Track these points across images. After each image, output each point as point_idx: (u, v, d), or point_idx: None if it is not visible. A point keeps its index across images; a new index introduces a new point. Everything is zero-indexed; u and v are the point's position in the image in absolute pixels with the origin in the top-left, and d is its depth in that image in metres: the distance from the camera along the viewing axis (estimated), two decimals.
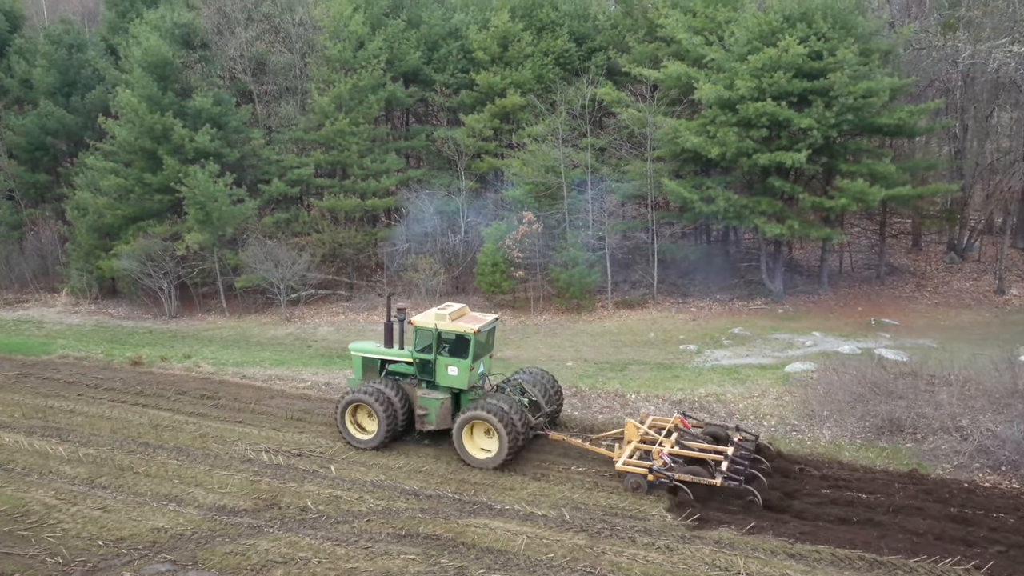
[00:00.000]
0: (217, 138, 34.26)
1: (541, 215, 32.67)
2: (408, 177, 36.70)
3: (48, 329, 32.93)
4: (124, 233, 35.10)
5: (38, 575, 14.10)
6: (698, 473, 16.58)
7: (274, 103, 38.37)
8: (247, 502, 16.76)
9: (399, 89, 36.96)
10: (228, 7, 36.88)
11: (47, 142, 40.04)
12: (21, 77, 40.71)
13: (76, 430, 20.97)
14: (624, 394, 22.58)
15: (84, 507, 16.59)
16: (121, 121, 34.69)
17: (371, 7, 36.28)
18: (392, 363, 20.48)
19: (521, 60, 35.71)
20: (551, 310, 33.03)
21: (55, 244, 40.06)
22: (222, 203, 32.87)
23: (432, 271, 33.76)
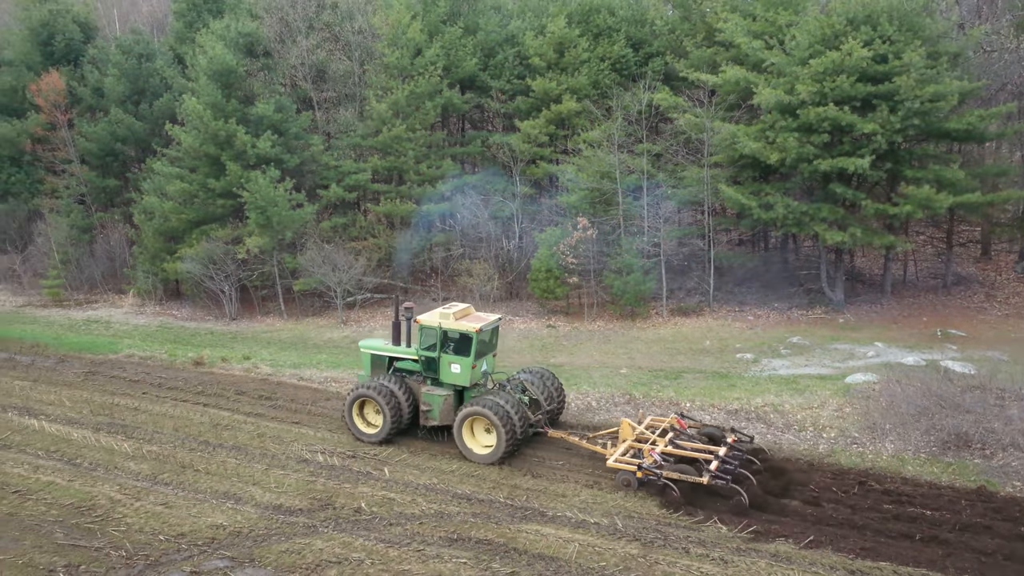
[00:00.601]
0: (278, 144, 35.00)
1: (596, 221, 32.53)
2: (463, 183, 36.92)
3: (115, 329, 34.00)
4: (188, 237, 36.10)
5: (103, 567, 14.52)
6: (686, 471, 16.79)
7: (333, 110, 39.04)
8: (303, 502, 17.02)
9: (455, 95, 37.25)
10: (290, 16, 37.67)
11: (117, 148, 41.43)
12: (94, 86, 42.22)
13: (140, 427, 21.59)
14: (679, 402, 22.27)
15: (147, 502, 17.05)
16: (187, 128, 35.71)
17: (429, 15, 36.67)
18: (399, 360, 21.10)
19: (577, 66, 35.65)
20: (605, 317, 32.83)
21: (123, 247, 41.36)
22: (282, 208, 33.55)
23: (486, 276, 33.88)
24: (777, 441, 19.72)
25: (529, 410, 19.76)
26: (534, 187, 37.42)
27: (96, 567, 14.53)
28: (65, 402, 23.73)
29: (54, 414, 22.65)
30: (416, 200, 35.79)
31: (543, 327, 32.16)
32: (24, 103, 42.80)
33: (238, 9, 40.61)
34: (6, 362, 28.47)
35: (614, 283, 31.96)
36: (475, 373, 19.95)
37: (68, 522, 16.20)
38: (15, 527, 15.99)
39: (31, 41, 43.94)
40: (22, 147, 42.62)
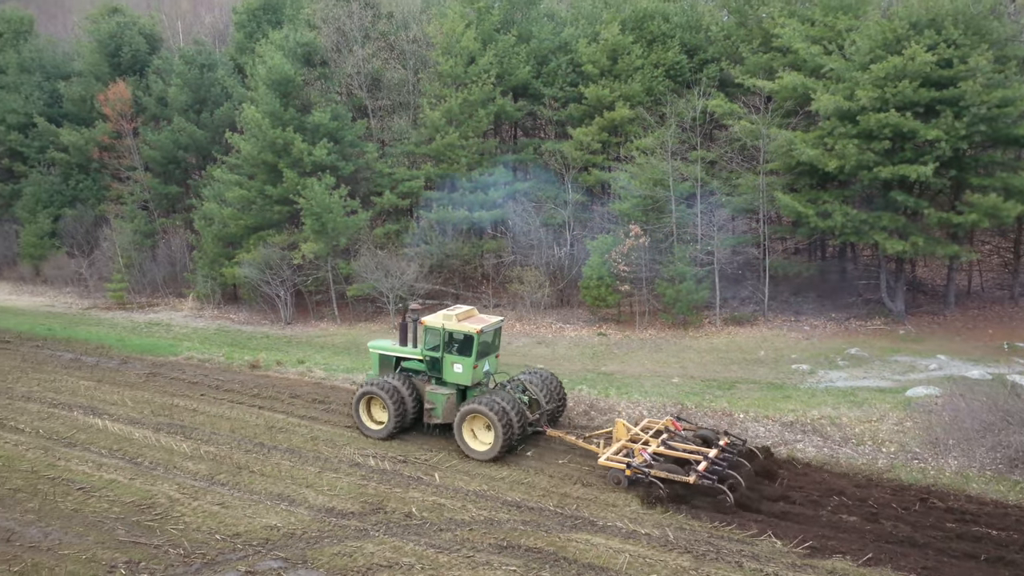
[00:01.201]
0: (333, 152, 35.57)
1: (648, 229, 32.28)
2: (515, 190, 37.01)
3: (176, 332, 34.89)
4: (246, 242, 36.90)
5: (162, 565, 14.87)
6: (674, 471, 17.19)
7: (387, 118, 39.52)
8: (354, 505, 17.20)
9: (508, 103, 37.39)
10: (347, 26, 38.29)
11: (179, 156, 42.59)
12: (158, 95, 43.51)
13: (198, 428, 22.08)
14: (732, 413, 21.93)
15: (204, 502, 17.42)
16: (246, 136, 36.54)
17: (483, 23, 36.90)
18: (405, 360, 21.87)
19: (631, 73, 35.47)
20: (657, 325, 32.52)
21: (183, 252, 42.45)
22: (337, 214, 34.07)
23: (537, 283, 33.87)
24: (834, 455, 19.26)
25: (529, 409, 20.41)
26: (586, 194, 37.30)
27: (155, 564, 14.88)
28: (127, 402, 24.42)
29: (117, 414, 23.32)
30: (468, 207, 35.99)
31: (594, 335, 31.99)
32: (92, 112, 44.32)
33: (296, 20, 41.45)
34: (72, 362, 29.44)
35: (666, 291, 31.65)
36: (477, 373, 20.58)
37: (129, 519, 16.63)
38: (79, 523, 16.49)
39: (100, 53, 45.50)
40: (90, 155, 44.11)
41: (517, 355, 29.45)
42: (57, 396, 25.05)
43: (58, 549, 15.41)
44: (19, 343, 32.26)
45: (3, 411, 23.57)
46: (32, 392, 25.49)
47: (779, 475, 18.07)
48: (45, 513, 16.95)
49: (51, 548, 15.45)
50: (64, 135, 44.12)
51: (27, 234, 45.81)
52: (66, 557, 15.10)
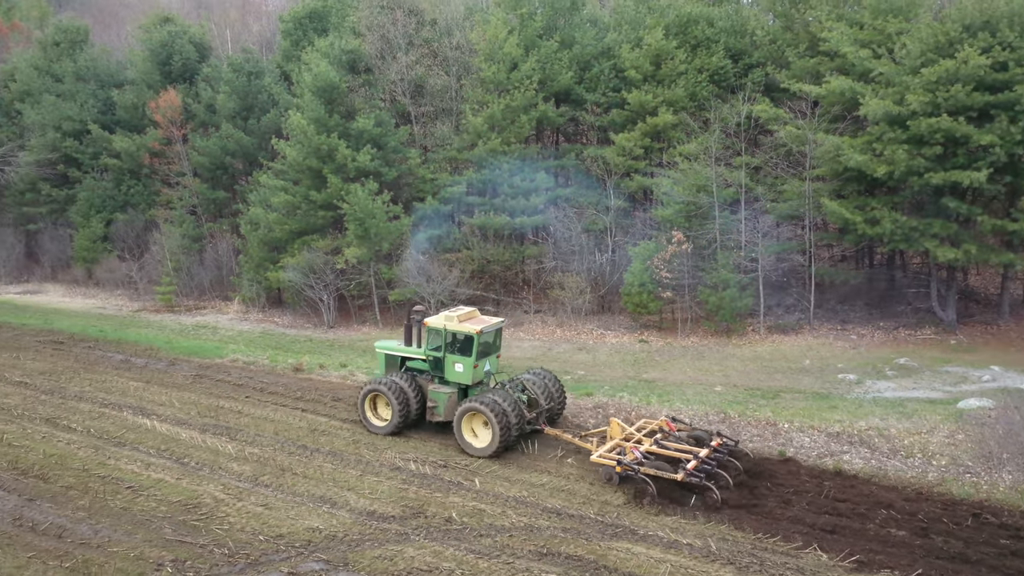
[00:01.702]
0: (377, 158, 35.92)
1: (691, 235, 31.98)
2: (557, 196, 36.97)
3: (222, 334, 35.50)
4: (290, 247, 37.42)
5: (207, 564, 15.11)
6: (663, 469, 17.65)
7: (430, 124, 39.79)
8: (395, 509, 17.29)
9: (550, 109, 37.38)
10: (391, 34, 38.68)
11: (226, 162, 43.38)
12: (207, 102, 44.39)
13: (243, 430, 22.42)
14: (776, 423, 21.59)
15: (248, 503, 17.67)
16: (291, 142, 37.09)
17: (525, 29, 36.97)
18: (410, 360, 22.70)
19: (674, 78, 35.21)
20: (699, 333, 32.16)
21: (230, 256, 43.19)
22: (379, 219, 34.38)
23: (578, 290, 33.77)
24: (882, 467, 18.84)
25: (528, 408, 20.94)
26: (628, 200, 37.11)
27: (200, 563, 15.12)
28: (175, 403, 24.90)
29: (165, 414, 23.79)
30: (510, 212, 36.05)
31: (635, 342, 31.77)
32: (144, 119, 45.39)
33: (342, 27, 41.99)
34: (123, 363, 30.13)
35: (709, 298, 31.31)
36: (477, 372, 21.28)
37: (176, 518, 16.94)
38: (128, 521, 16.85)
39: (151, 61, 46.58)
40: (141, 161, 45.16)
41: (557, 361, 29.39)
42: (108, 396, 25.66)
43: (108, 546, 15.75)
44: (72, 344, 33.12)
45: (57, 410, 24.22)
46: (84, 392, 26.14)
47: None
48: (95, 511, 17.35)
49: (101, 545, 15.80)
50: (117, 142, 45.24)
51: (80, 238, 47.04)
52: (115, 554, 15.43)
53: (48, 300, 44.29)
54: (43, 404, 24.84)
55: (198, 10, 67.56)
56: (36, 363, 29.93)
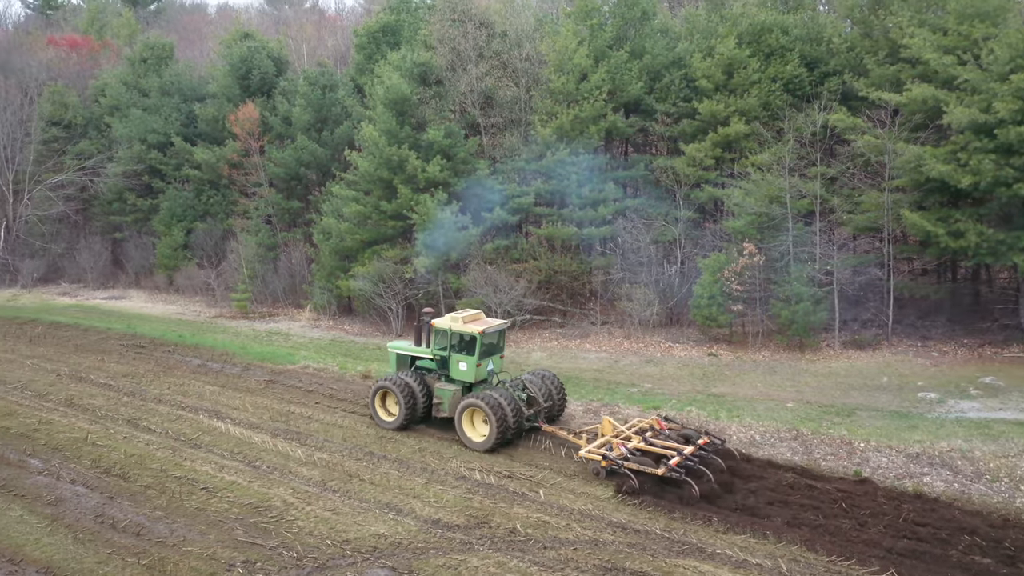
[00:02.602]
0: (446, 168, 36.29)
1: (763, 247, 31.27)
2: (625, 206, 36.68)
3: (294, 341, 36.32)
4: (361, 256, 38.07)
5: (276, 566, 15.42)
6: (646, 464, 18.55)
7: (499, 135, 39.98)
8: (460, 518, 17.33)
9: (619, 119, 37.15)
10: (461, 46, 39.08)
11: (301, 173, 44.46)
12: (283, 115, 45.64)
13: (313, 435, 22.86)
14: (851, 442, 20.89)
15: (316, 507, 17.98)
16: (363, 153, 37.79)
17: (595, 40, 36.87)
18: (420, 359, 23.89)
19: (747, 87, 34.58)
20: (770, 347, 31.39)
21: (303, 264, 44.19)
22: (448, 230, 34.69)
23: (646, 302, 33.38)
24: (966, 491, 18.02)
25: (527, 406, 22.07)
26: (698, 211, 36.54)
27: (270, 565, 15.44)
28: (248, 407, 25.55)
29: (238, 418, 24.44)
30: (577, 223, 35.93)
31: (704, 355, 31.21)
32: (223, 132, 46.91)
33: (414, 41, 42.64)
34: (199, 368, 31.10)
35: (781, 312, 30.53)
36: (480, 371, 22.51)
37: (247, 520, 17.35)
38: (202, 521, 17.33)
39: (232, 76, 48.15)
40: (220, 172, 46.67)
41: (624, 374, 29.10)
42: (185, 399, 26.51)
43: (182, 545, 16.23)
44: (153, 348, 34.37)
45: (137, 412, 25.14)
46: (163, 394, 27.07)
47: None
48: (172, 510, 17.91)
49: (176, 544, 16.29)
50: (198, 153, 46.88)
51: (162, 246, 48.84)
52: (189, 553, 15.89)
53: (131, 305, 46.09)
54: (125, 405, 25.83)
55: (276, 26, 69.70)
56: (119, 366, 31.15)
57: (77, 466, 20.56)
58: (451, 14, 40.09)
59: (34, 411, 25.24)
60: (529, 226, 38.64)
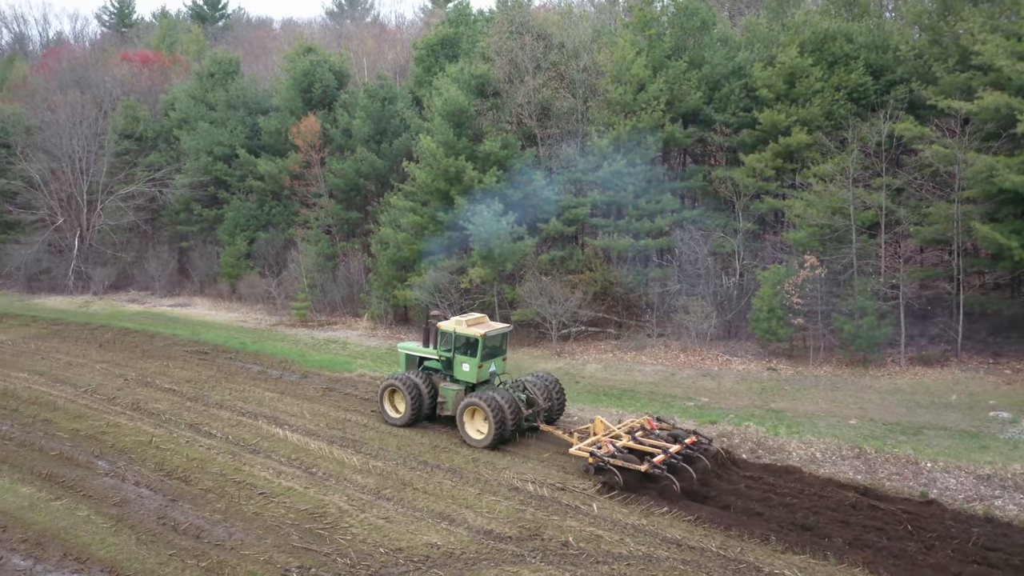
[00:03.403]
0: (503, 179, 36.43)
1: (825, 260, 30.53)
2: (683, 218, 36.26)
3: (351, 350, 36.80)
4: (417, 266, 38.45)
5: (330, 573, 15.57)
6: (631, 460, 19.48)
7: (555, 145, 39.99)
8: (512, 529, 17.26)
9: (677, 130, 36.78)
10: (519, 58, 39.26)
11: (360, 184, 45.16)
12: (343, 127, 46.47)
13: (368, 443, 23.09)
14: (918, 461, 20.19)
15: (370, 515, 18.12)
16: (421, 164, 38.20)
17: (653, 50, 36.63)
18: (427, 360, 25.03)
19: (809, 96, 33.88)
20: (832, 362, 30.59)
21: (361, 274, 44.78)
22: (504, 240, 34.79)
23: (703, 314, 32.90)
24: None
25: (527, 407, 23.12)
26: (757, 223, 35.90)
27: (324, 571, 15.60)
28: (305, 414, 25.96)
29: (296, 425, 24.85)
30: (634, 234, 35.65)
31: (763, 369, 30.58)
32: (286, 144, 47.99)
33: (472, 53, 43.01)
34: (260, 375, 31.74)
35: (844, 326, 29.74)
36: (482, 372, 23.61)
37: (303, 526, 17.59)
38: (259, 526, 17.63)
39: (294, 89, 49.26)
40: (283, 183, 47.73)
41: (680, 387, 28.70)
42: (245, 405, 27.07)
43: (240, 549, 16.52)
44: (215, 354, 35.23)
45: (199, 417, 25.76)
46: (224, 400, 27.70)
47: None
48: (230, 514, 18.26)
49: (234, 548, 16.59)
50: (261, 165, 48.03)
51: (226, 255, 50.09)
52: (246, 557, 16.16)
53: (196, 313, 47.36)
54: (188, 410, 26.50)
55: (338, 40, 71.07)
56: (183, 371, 32.00)
57: (142, 468, 21.15)
58: (509, 26, 40.33)
59: (103, 414, 26.08)
60: (585, 237, 38.47)
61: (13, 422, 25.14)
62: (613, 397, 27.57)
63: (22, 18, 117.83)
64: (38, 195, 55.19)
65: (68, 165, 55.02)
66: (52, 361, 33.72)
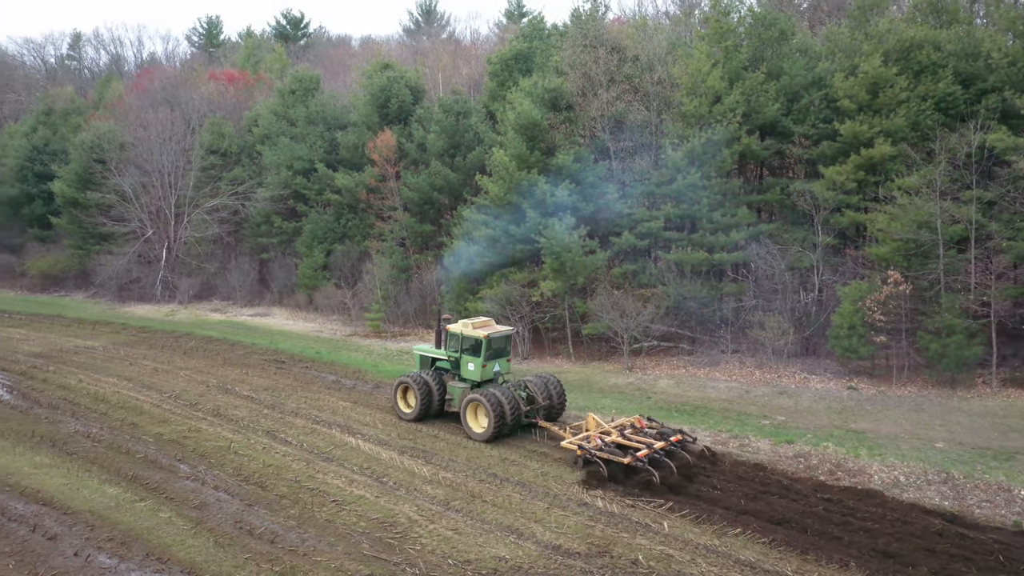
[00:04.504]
0: (574, 193, 36.36)
1: (910, 275, 29.39)
2: (759, 232, 35.49)
3: None
4: (489, 279, 38.66)
5: None
6: (616, 453, 20.93)
7: (628, 159, 39.72)
8: (581, 545, 17.08)
9: (754, 142, 36.07)
10: (593, 71, 39.21)
11: (434, 197, 45.79)
12: (418, 142, 47.25)
13: (438, 454, 23.23)
14: (1011, 488, 19.17)
15: (440, 526, 18.20)
16: (494, 178, 38.47)
17: (730, 62, 36.07)
18: (439, 360, 26.90)
19: (894, 106, 32.78)
20: (917, 382, 29.37)
21: (433, 286, 45.27)
22: (576, 254, 34.68)
23: (780, 330, 32.06)
24: None
25: (527, 404, 24.65)
26: (837, 237, 34.83)
27: None
28: (378, 424, 26.33)
29: (368, 434, 25.21)
30: (708, 248, 35.06)
31: (843, 388, 29.58)
32: (363, 158, 49.05)
33: (545, 67, 43.17)
34: (333, 384, 32.36)
35: (930, 345, 28.52)
36: (486, 371, 25.33)
37: (373, 535, 17.78)
38: (331, 533, 17.91)
39: (372, 105, 50.38)
40: (359, 196, 48.77)
41: (755, 405, 28.00)
42: (320, 413, 27.62)
43: (312, 555, 16.81)
44: (292, 364, 36.11)
45: (276, 424, 26.41)
46: (299, 408, 28.33)
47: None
48: (304, 520, 18.61)
49: (307, 553, 16.89)
50: (339, 179, 49.19)
51: (304, 267, 51.39)
52: (319, 564, 16.42)
53: (274, 322, 48.69)
54: (265, 417, 27.20)
55: (415, 56, 72.33)
56: (261, 379, 32.89)
57: (220, 473, 21.77)
58: (583, 40, 40.34)
59: (185, 419, 27.00)
60: (658, 251, 38.03)
61: (103, 425, 26.26)
62: (686, 414, 27.09)
63: (119, 40, 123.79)
64: (130, 208, 57.85)
65: (158, 179, 57.57)
66: (139, 367, 35.12)
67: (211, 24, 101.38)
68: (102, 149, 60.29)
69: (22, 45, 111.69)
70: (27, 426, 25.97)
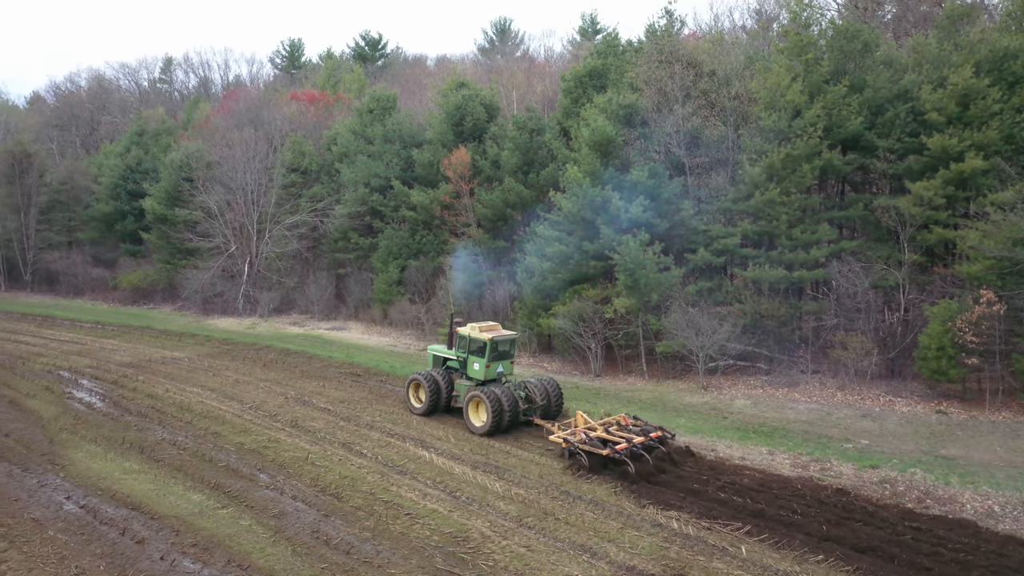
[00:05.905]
0: (649, 209, 36.04)
1: (1004, 295, 28.05)
2: (840, 249, 34.46)
3: None
4: (562, 295, 38.59)
5: None
6: (596, 446, 22.75)
7: (705, 175, 39.21)
8: (655, 567, 16.76)
9: (836, 157, 35.11)
10: (668, 87, 38.93)
11: (507, 213, 46.07)
12: (492, 159, 47.68)
13: (511, 470, 23.19)
14: None
15: (512, 542, 18.13)
16: (567, 194, 38.47)
17: (810, 75, 35.29)
18: (450, 360, 29.11)
19: (986, 119, 31.48)
20: (1013, 407, 27.93)
21: (507, 302, 45.45)
22: (650, 271, 34.32)
23: (863, 351, 31.00)
24: None
25: (525, 403, 26.69)
26: (925, 254, 33.53)
27: None
28: (451, 439, 26.47)
29: (441, 448, 25.37)
30: (787, 265, 34.21)
31: (931, 412, 28.35)
32: (438, 175, 49.78)
33: (620, 83, 43.06)
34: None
35: None
36: (490, 371, 27.43)
37: (446, 549, 17.83)
38: (405, 546, 18.04)
39: (447, 123, 51.15)
40: (434, 213, 49.46)
41: (837, 428, 27.09)
42: (394, 427, 27.95)
43: (387, 567, 16.95)
44: (367, 377, 36.69)
45: (352, 436, 26.83)
46: (375, 421, 28.73)
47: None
48: (378, 532, 18.80)
49: (381, 566, 17.04)
50: (414, 196, 50.01)
51: (379, 282, 52.32)
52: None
53: (350, 336, 49.61)
54: (341, 429, 27.67)
55: (489, 74, 73.15)
56: (337, 392, 33.51)
57: (298, 483, 22.21)
58: (658, 56, 40.13)
59: (265, 430, 27.69)
60: (735, 268, 37.32)
61: (187, 433, 27.16)
62: (763, 435, 26.39)
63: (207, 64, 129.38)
64: (215, 224, 60.06)
65: (241, 197, 59.62)
66: (222, 378, 36.25)
67: (293, 47, 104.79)
68: (190, 168, 62.88)
69: (118, 70, 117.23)
70: (118, 433, 27.06)
